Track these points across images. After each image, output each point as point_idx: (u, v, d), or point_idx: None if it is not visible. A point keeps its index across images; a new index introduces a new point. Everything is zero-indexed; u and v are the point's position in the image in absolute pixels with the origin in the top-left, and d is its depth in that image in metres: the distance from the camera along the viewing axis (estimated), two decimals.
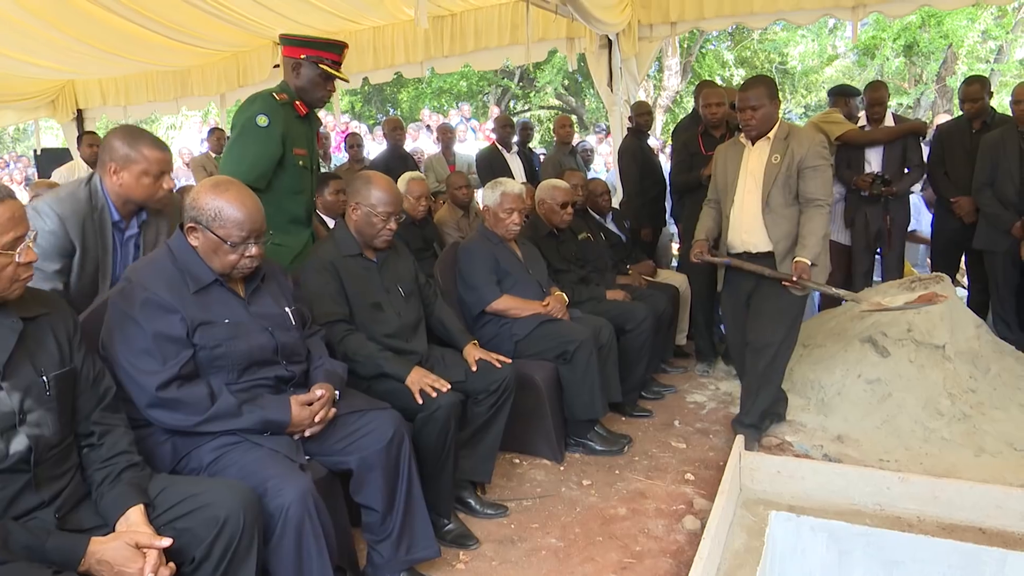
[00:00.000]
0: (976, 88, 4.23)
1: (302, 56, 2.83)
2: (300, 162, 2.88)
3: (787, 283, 2.95)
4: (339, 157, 8.17)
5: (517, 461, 3.06)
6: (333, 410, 2.04)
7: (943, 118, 5.36)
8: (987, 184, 4.00)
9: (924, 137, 4.17)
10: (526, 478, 2.92)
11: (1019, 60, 12.59)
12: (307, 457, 1.99)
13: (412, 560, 2.14)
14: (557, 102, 17.38)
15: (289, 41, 2.88)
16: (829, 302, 4.43)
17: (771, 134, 3.06)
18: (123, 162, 2.21)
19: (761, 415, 3.21)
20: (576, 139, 6.67)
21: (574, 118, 15.54)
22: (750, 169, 3.11)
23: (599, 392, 3.12)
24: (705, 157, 3.99)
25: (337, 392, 2.08)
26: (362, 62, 6.39)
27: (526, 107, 18.04)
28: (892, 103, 13.38)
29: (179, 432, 1.87)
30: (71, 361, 1.65)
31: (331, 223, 3.95)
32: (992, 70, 12.51)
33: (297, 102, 2.86)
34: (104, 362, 1.81)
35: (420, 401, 2.34)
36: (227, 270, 1.96)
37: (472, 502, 2.66)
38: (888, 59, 12.92)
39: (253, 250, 1.95)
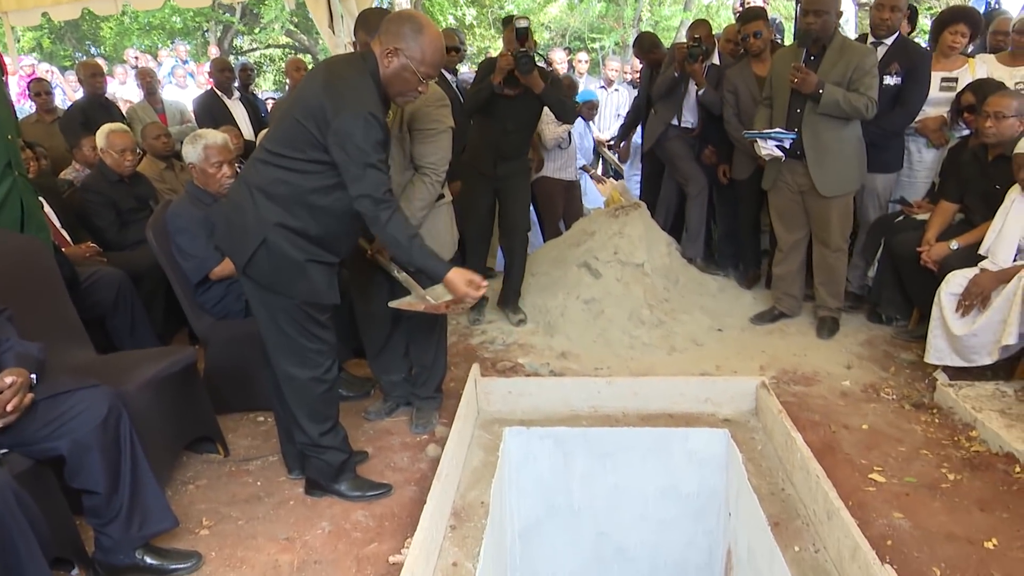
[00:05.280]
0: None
1: None
2: None
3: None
4: (24, 108, 7.01)
5: (261, 419, 3.01)
6: (30, 395, 1.85)
7: None
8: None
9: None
10: (271, 434, 2.88)
11: (705, 6, 14.38)
12: (3, 451, 1.80)
13: (147, 535, 2.04)
14: (287, 39, 16.42)
15: None
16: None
17: None
18: None
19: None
20: None
21: (308, 58, 14.84)
22: None
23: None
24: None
25: (34, 376, 1.89)
26: None
27: (253, 46, 16.83)
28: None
29: None
30: None
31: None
32: (683, 19, 14.20)
33: None
34: None
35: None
36: None
37: None
38: (594, 3, 14.11)
39: None
